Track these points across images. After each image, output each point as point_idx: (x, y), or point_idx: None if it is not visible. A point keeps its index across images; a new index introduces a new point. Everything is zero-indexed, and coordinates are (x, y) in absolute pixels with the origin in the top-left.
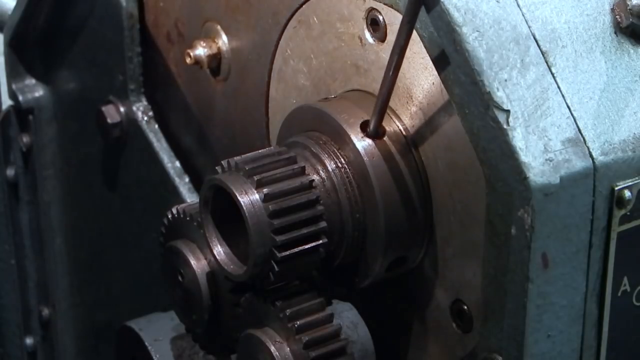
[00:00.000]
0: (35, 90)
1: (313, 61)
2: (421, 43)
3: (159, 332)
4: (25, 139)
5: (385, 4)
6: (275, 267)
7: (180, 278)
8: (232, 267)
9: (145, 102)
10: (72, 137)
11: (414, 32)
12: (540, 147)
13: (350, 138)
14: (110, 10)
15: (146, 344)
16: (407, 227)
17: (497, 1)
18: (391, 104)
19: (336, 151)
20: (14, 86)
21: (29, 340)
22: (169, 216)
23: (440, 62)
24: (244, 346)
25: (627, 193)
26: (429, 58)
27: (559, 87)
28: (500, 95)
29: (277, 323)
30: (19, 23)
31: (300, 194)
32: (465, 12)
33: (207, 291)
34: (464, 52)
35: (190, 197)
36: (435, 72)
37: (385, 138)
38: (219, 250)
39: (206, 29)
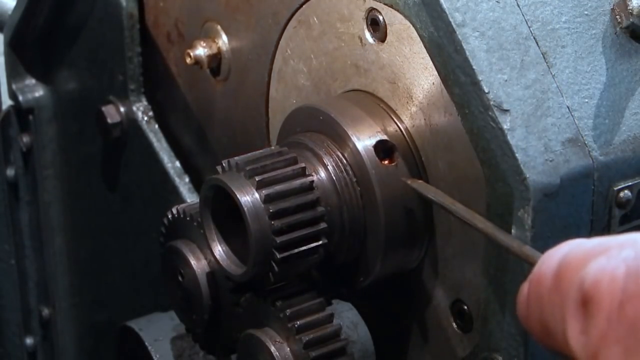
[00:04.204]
0: (35, 90)
1: (313, 61)
2: (421, 43)
3: (159, 332)
4: (25, 139)
5: (385, 4)
6: (275, 267)
7: (180, 278)
8: (232, 267)
9: (145, 102)
10: (72, 137)
11: (414, 31)
12: (540, 147)
13: (350, 138)
14: (110, 10)
15: (146, 344)
16: (407, 227)
17: (497, 1)
18: (391, 104)
19: (336, 151)
20: (14, 86)
21: (29, 340)
22: (169, 216)
23: (440, 62)
24: (244, 346)
25: (627, 193)
26: (429, 58)
27: (558, 88)
28: (500, 95)
29: (277, 323)
30: (19, 23)
31: (300, 196)
32: (465, 12)
33: (207, 291)
34: (464, 52)
35: (190, 197)
36: (435, 72)
37: (385, 138)
38: (219, 250)
39: (206, 29)
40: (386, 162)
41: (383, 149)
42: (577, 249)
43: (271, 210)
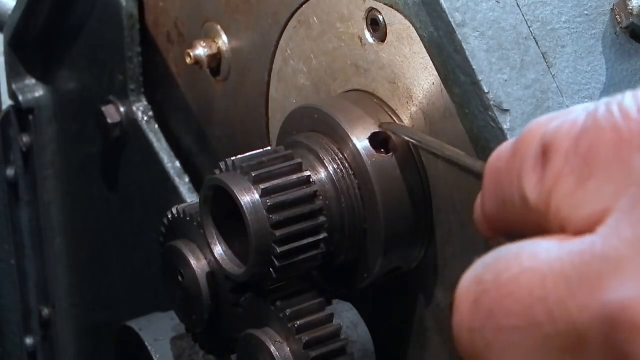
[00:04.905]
0: (35, 90)
1: (313, 61)
2: (421, 43)
3: (159, 332)
4: (25, 139)
5: (385, 4)
6: (276, 266)
7: (180, 278)
8: (232, 267)
9: (145, 102)
10: (72, 137)
11: (414, 31)
12: None
13: (350, 138)
14: (110, 10)
15: (146, 344)
16: (407, 228)
17: (497, 1)
18: (391, 104)
19: (337, 151)
20: (14, 86)
21: (29, 340)
22: (169, 216)
23: (440, 62)
24: (244, 346)
25: None
26: (429, 58)
27: (558, 88)
28: (500, 95)
29: (277, 323)
30: (19, 23)
31: (303, 204)
32: (465, 12)
33: (207, 291)
34: (464, 52)
35: (190, 197)
36: (435, 72)
37: (379, 130)
38: (219, 250)
39: (206, 29)
40: (382, 152)
41: (378, 141)
42: (538, 119)
43: (274, 220)
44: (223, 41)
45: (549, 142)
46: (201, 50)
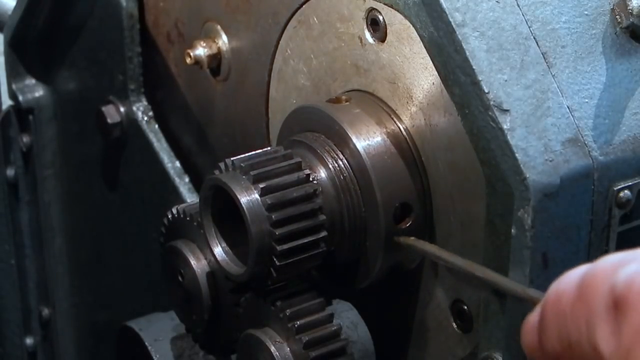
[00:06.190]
0: (35, 90)
1: (313, 61)
2: (421, 43)
3: (159, 332)
4: (25, 139)
5: (385, 4)
6: (276, 266)
7: (180, 278)
8: (232, 267)
9: (145, 102)
10: (72, 137)
11: (414, 31)
12: (540, 147)
13: (350, 138)
14: (110, 10)
15: (146, 344)
16: (407, 227)
17: (497, 1)
18: (391, 104)
19: (337, 151)
20: (14, 86)
21: (29, 340)
22: (169, 216)
23: (440, 62)
24: (244, 346)
25: (627, 193)
26: (429, 58)
27: (558, 88)
28: (500, 95)
29: (277, 323)
30: (19, 23)
31: (303, 204)
32: (465, 12)
33: (207, 291)
34: (464, 52)
35: (190, 197)
36: (435, 72)
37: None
38: (219, 250)
39: (206, 29)
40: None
41: None
42: (602, 262)
43: (274, 219)
44: (223, 41)
45: (621, 295)
46: (201, 50)
